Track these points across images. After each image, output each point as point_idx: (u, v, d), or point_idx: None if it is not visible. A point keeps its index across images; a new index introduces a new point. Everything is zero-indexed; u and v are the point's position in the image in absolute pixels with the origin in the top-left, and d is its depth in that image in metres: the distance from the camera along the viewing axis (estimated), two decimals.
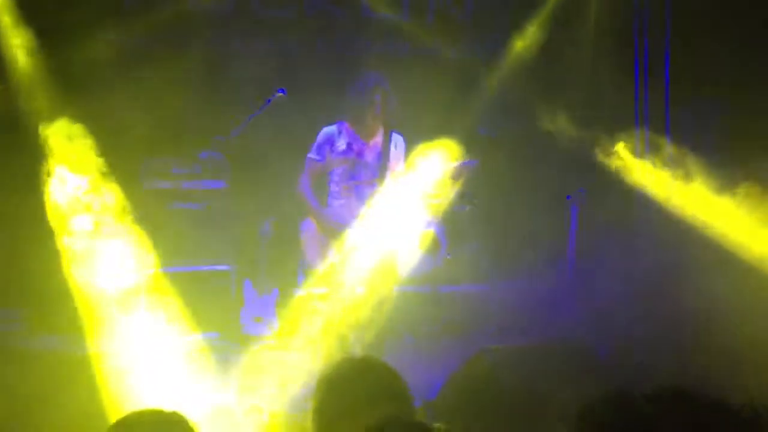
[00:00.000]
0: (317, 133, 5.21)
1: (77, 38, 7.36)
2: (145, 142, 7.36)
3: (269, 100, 5.06)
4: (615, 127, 7.72)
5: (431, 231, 7.34)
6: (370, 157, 5.11)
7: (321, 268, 5.05)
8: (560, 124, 7.65)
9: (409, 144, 7.42)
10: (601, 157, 7.45)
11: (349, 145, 5.11)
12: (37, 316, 7.10)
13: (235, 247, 7.01)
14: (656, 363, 4.72)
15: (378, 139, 5.13)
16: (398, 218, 5.03)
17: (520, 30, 7.84)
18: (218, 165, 6.93)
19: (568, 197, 7.18)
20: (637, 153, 7.72)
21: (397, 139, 5.21)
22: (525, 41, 7.80)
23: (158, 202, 6.08)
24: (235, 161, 7.05)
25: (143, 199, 6.52)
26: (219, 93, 7.89)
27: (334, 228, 5.00)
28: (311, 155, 5.16)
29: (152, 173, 6.89)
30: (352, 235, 4.97)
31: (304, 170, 5.19)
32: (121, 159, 6.80)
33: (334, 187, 5.17)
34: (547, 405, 3.73)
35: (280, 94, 5.08)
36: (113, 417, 3.73)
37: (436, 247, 7.35)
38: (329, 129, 5.18)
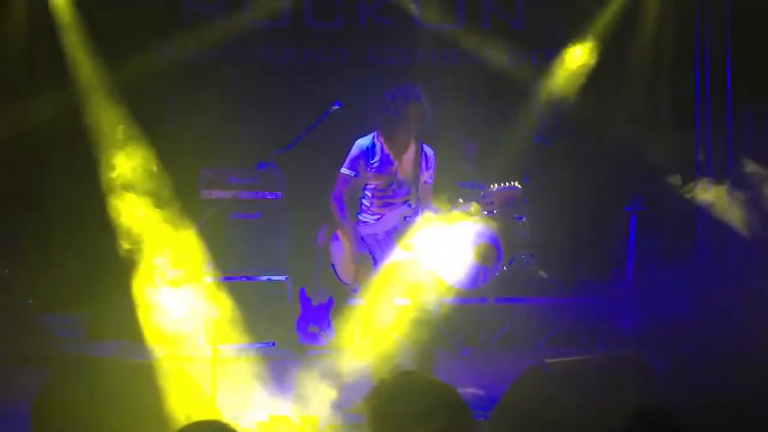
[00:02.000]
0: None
1: (136, 49, 7.54)
2: (202, 152, 7.51)
3: (326, 113, 5.04)
4: (675, 138, 7.60)
5: (487, 242, 7.31)
6: (404, 172, 4.94)
7: (352, 284, 4.97)
8: (618, 133, 7.56)
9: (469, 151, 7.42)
10: (660, 167, 7.34)
11: (382, 162, 4.92)
12: (97, 322, 7.27)
13: (290, 256, 7.08)
14: (713, 380, 4.61)
15: (410, 153, 4.95)
16: (443, 231, 4.93)
17: (575, 39, 7.76)
18: (275, 176, 7.01)
19: (627, 208, 7.06)
20: (697, 166, 7.60)
21: (428, 151, 5.02)
22: (581, 50, 7.71)
23: (217, 211, 6.16)
24: (291, 172, 7.13)
25: (201, 208, 6.63)
26: (275, 105, 8.00)
27: (358, 257, 4.91)
28: (344, 170, 4.96)
29: (210, 183, 7.00)
30: (384, 256, 4.90)
31: (337, 184, 5.00)
32: (180, 168, 6.96)
33: (365, 203, 5.03)
34: (603, 419, 3.68)
35: (336, 106, 5.05)
36: (171, 427, 3.80)
37: (492, 259, 7.30)
38: (363, 142, 4.98)
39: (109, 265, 6.79)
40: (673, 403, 4.23)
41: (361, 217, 5.04)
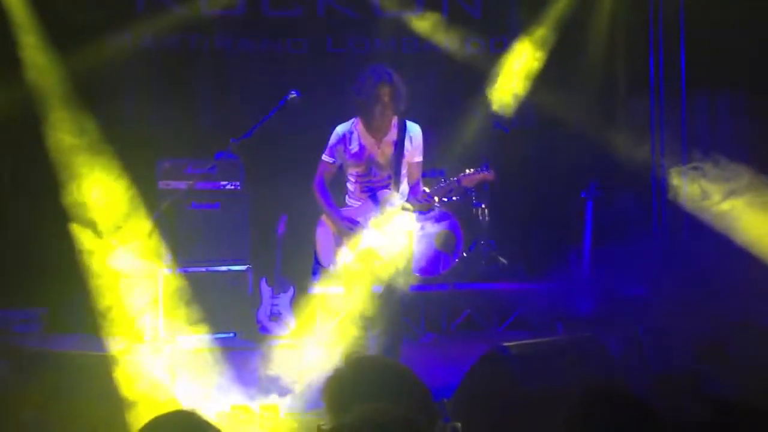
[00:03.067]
0: (330, 132, 5.09)
1: (89, 40, 7.41)
2: (159, 143, 7.43)
3: (282, 101, 5.01)
4: (630, 123, 7.71)
5: (447, 229, 7.36)
6: (384, 156, 4.89)
7: (334, 267, 4.96)
8: (574, 120, 7.65)
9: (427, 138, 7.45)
10: (615, 152, 7.45)
11: (361, 147, 4.92)
12: (55, 316, 7.18)
13: (251, 246, 7.04)
14: (668, 359, 4.70)
15: (392, 134, 4.93)
16: (412, 218, 4.94)
17: (531, 26, 7.82)
18: (233, 166, 6.97)
19: (582, 193, 7.15)
20: (652, 152, 7.72)
21: (412, 130, 4.97)
22: (536, 37, 7.77)
23: (173, 202, 6.11)
24: (249, 162, 7.09)
25: (158, 199, 6.57)
26: (232, 94, 7.93)
27: (346, 229, 4.89)
28: (324, 157, 4.99)
29: (167, 174, 6.94)
30: (366, 235, 4.89)
31: (318, 171, 5.07)
32: (136, 159, 6.88)
33: (350, 187, 5.03)
34: (560, 399, 3.73)
35: (293, 94, 5.02)
36: (131, 417, 3.78)
37: (452, 245, 7.35)
38: (341, 128, 5.00)
39: (66, 258, 6.71)
40: (630, 382, 4.31)
41: (347, 202, 5.05)
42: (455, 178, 4.85)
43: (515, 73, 7.76)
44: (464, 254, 7.51)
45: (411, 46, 8.13)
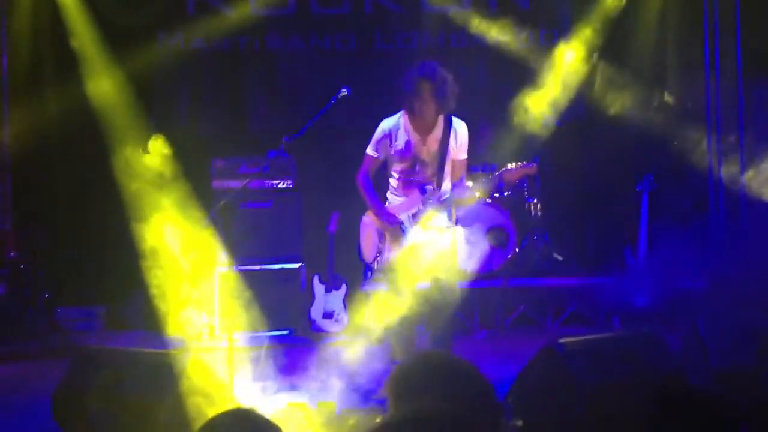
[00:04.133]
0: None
1: (141, 43, 7.55)
2: (213, 142, 7.53)
3: (334, 98, 5.02)
4: (685, 115, 7.57)
5: (499, 225, 7.31)
6: (429, 152, 4.88)
7: (377, 263, 4.97)
8: (628, 112, 7.53)
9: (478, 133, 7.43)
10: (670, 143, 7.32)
11: (407, 143, 4.91)
12: (115, 314, 7.34)
13: (303, 244, 7.09)
14: (729, 356, 4.59)
15: (438, 130, 4.91)
16: (460, 213, 4.93)
17: (582, 20, 7.71)
18: (285, 164, 7.03)
19: (638, 186, 7.03)
20: (708, 142, 7.56)
21: (458, 127, 4.94)
22: (586, 32, 7.67)
23: (229, 201, 6.19)
24: (302, 160, 7.14)
25: (213, 198, 6.66)
26: (283, 93, 7.99)
27: (389, 225, 4.88)
28: (369, 151, 4.99)
29: (221, 173, 7.03)
30: (409, 231, 4.88)
31: (363, 165, 5.03)
32: (191, 159, 6.99)
33: (393, 182, 5.03)
34: (620, 397, 3.68)
35: (344, 91, 5.03)
36: (191, 415, 3.83)
37: (505, 241, 7.30)
38: (387, 123, 4.98)
39: (125, 257, 6.85)
40: (691, 379, 4.23)
41: (389, 197, 5.06)
42: (497, 173, 4.84)
43: (566, 67, 7.66)
44: (517, 250, 7.45)
45: (460, 41, 8.08)
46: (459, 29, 7.98)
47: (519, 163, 4.86)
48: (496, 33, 7.88)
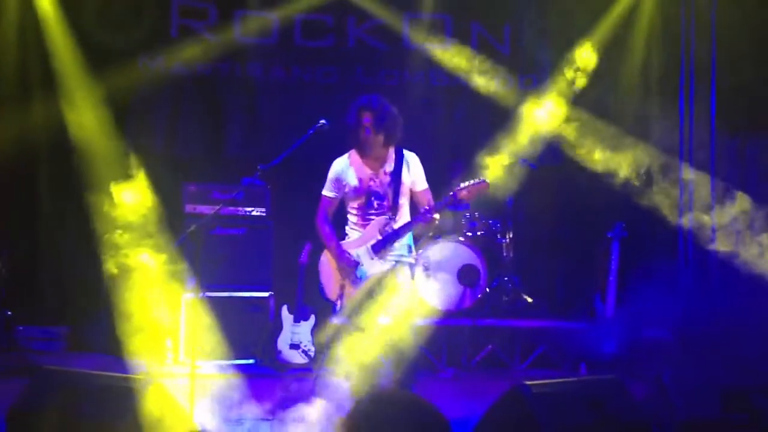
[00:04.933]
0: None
1: (124, 62, 7.52)
2: (187, 167, 7.49)
3: (312, 129, 5.03)
4: (660, 163, 7.65)
5: (471, 264, 7.31)
6: (382, 186, 4.94)
7: (339, 301, 4.96)
8: (601, 160, 7.60)
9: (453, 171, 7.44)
10: (642, 193, 7.39)
11: (360, 181, 4.97)
12: (77, 336, 7.21)
13: (274, 273, 7.04)
14: (693, 405, 4.61)
15: (389, 164, 4.96)
16: (432, 252, 4.94)
17: (560, 68, 7.83)
18: (259, 192, 7.00)
19: (608, 234, 7.09)
20: (680, 191, 7.64)
21: (410, 159, 5.00)
22: (566, 76, 7.78)
23: (200, 226, 6.14)
24: (276, 189, 7.11)
25: (184, 222, 6.61)
26: (261, 121, 7.99)
27: (345, 265, 4.91)
28: (325, 192, 5.06)
29: (194, 198, 6.98)
30: (370, 266, 4.90)
31: (320, 206, 5.07)
32: (164, 182, 6.93)
33: (351, 218, 5.06)
34: None
35: (323, 123, 5.04)
36: None
37: (476, 280, 7.29)
38: (338, 163, 5.06)
39: (92, 278, 6.75)
40: (654, 427, 4.23)
41: (347, 232, 5.06)
42: (451, 192, 4.87)
43: (543, 112, 7.75)
44: (487, 290, 7.45)
45: (441, 79, 8.17)
46: (440, 68, 8.08)
47: (471, 181, 4.88)
48: (476, 74, 7.99)
